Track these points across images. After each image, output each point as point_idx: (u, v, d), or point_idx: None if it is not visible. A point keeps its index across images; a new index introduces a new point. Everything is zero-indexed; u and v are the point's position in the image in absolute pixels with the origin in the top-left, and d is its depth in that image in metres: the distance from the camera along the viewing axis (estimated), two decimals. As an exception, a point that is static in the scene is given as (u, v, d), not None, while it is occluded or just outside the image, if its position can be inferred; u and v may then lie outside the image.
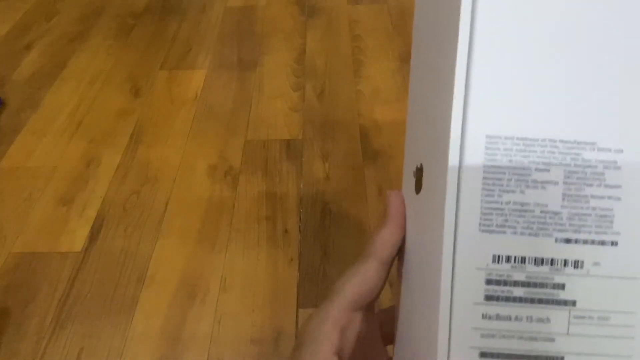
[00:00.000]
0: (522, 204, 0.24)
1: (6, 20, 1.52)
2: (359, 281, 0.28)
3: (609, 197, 0.23)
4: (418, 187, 0.28)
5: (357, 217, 0.92)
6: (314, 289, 0.82)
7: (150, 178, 1.01)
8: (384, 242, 0.28)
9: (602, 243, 0.24)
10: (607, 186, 0.23)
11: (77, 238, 0.91)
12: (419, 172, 0.28)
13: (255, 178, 1.00)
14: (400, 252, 0.29)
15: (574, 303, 0.24)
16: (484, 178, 0.23)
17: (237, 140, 1.09)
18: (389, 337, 0.31)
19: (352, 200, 0.95)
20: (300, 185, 0.98)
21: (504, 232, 0.24)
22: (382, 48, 1.34)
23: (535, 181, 0.23)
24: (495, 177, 0.23)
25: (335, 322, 0.27)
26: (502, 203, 0.24)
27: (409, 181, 0.29)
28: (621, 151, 0.23)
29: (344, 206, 0.94)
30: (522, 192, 0.24)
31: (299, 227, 0.91)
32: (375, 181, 0.98)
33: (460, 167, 0.24)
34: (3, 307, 0.81)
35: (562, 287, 0.24)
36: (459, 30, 0.23)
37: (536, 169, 0.23)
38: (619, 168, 0.23)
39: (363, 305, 0.28)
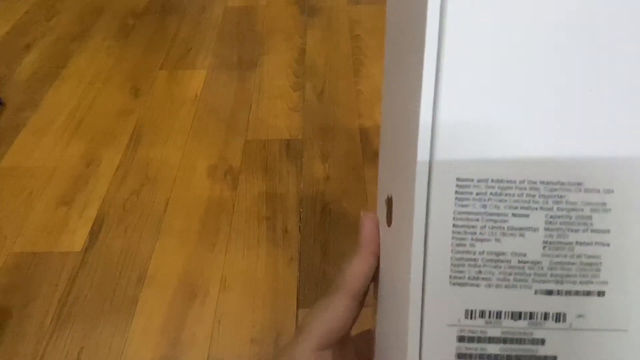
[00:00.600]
0: (498, 254, 0.21)
1: (6, 20, 1.52)
2: (327, 318, 0.26)
3: (597, 243, 0.21)
4: (389, 219, 0.25)
5: (357, 217, 0.92)
6: (314, 289, 0.82)
7: (150, 178, 1.01)
8: (354, 275, 0.26)
9: (588, 294, 0.21)
10: (594, 231, 0.21)
11: (77, 238, 0.91)
12: (389, 202, 0.25)
13: (255, 178, 1.00)
14: (376, 276, 0.27)
15: (554, 359, 0.22)
16: (454, 226, 0.21)
17: (237, 140, 1.09)
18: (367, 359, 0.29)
19: (352, 200, 0.95)
20: (300, 185, 0.98)
21: (477, 285, 0.21)
22: (382, 48, 1.34)
23: (512, 228, 0.21)
24: (467, 224, 0.21)
25: None
26: (475, 253, 0.21)
27: (382, 207, 0.27)
28: (611, 191, 0.21)
29: (344, 206, 0.94)
30: (497, 240, 0.21)
31: (299, 227, 0.91)
32: (375, 181, 0.98)
33: (427, 213, 0.21)
34: (3, 307, 0.81)
35: (541, 342, 0.22)
36: (424, 58, 0.20)
37: (513, 215, 0.21)
38: (608, 210, 0.21)
39: (333, 341, 0.26)
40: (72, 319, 0.79)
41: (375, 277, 0.27)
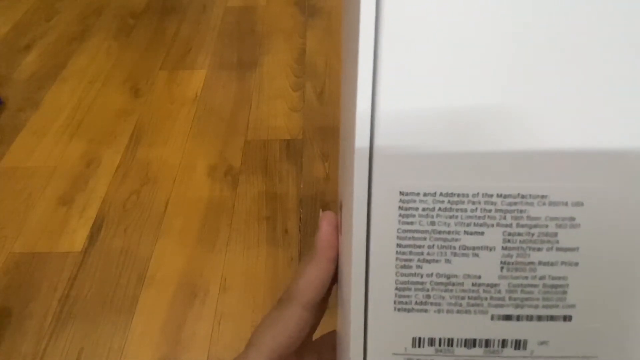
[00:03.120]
0: (449, 276, 0.19)
1: (6, 20, 1.52)
2: (277, 331, 0.24)
3: (563, 263, 0.19)
4: (340, 227, 0.23)
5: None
6: (314, 289, 0.81)
7: (150, 178, 1.01)
8: (307, 283, 0.24)
9: (552, 318, 0.19)
10: (560, 249, 0.19)
11: (77, 238, 0.91)
12: (340, 209, 0.23)
13: (255, 178, 1.00)
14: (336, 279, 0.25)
15: None
16: (398, 246, 0.19)
17: (237, 140, 1.09)
18: None
19: (352, 200, 0.95)
20: (300, 185, 0.98)
21: (426, 311, 0.19)
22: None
23: (464, 247, 0.19)
24: (412, 244, 0.19)
25: None
26: (422, 276, 0.19)
27: (339, 211, 0.25)
28: (580, 204, 0.18)
29: (344, 206, 0.94)
30: (447, 261, 0.19)
31: (299, 227, 0.91)
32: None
33: (368, 231, 0.19)
34: (3, 307, 0.81)
35: None
36: (359, 47, 0.17)
37: (466, 232, 0.19)
38: (577, 226, 0.18)
39: (286, 354, 0.24)
40: (72, 319, 0.79)
41: (336, 280, 0.25)
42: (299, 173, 1.01)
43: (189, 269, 0.85)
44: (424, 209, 0.18)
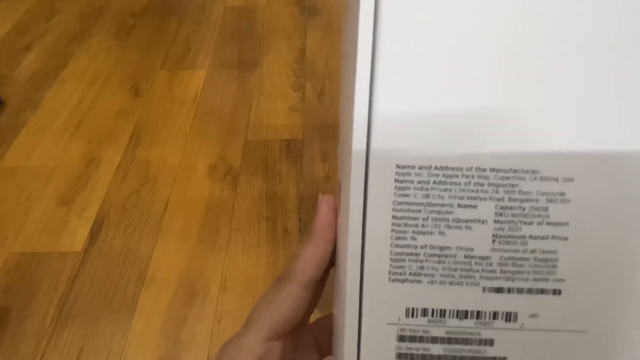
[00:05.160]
0: (442, 248, 0.19)
1: (6, 20, 1.52)
2: (276, 309, 0.24)
3: (553, 237, 0.19)
4: (338, 207, 0.23)
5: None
6: (314, 289, 0.82)
7: (150, 178, 1.01)
8: (306, 263, 0.24)
9: (542, 292, 0.20)
10: (550, 224, 0.19)
11: (77, 238, 0.91)
12: (339, 189, 0.23)
13: (255, 178, 1.00)
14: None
15: None
16: (393, 217, 0.19)
17: (237, 140, 1.09)
18: (327, 347, 0.27)
19: (352, 200, 0.95)
20: (300, 185, 0.98)
21: (419, 282, 0.20)
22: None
23: (458, 220, 0.19)
24: (407, 215, 0.19)
25: (250, 354, 0.24)
26: (416, 247, 0.20)
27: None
28: (571, 180, 0.18)
29: (344, 206, 0.94)
30: (441, 233, 0.19)
31: (299, 227, 0.91)
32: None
33: (365, 203, 0.19)
34: (3, 307, 0.81)
35: (490, 343, 0.20)
36: (358, 39, 0.18)
37: (459, 205, 0.19)
38: (567, 201, 0.19)
39: (284, 332, 0.25)
40: (72, 319, 0.79)
41: (333, 263, 0.26)
42: (299, 173, 1.01)
43: (189, 269, 0.85)
44: (419, 182, 0.19)
